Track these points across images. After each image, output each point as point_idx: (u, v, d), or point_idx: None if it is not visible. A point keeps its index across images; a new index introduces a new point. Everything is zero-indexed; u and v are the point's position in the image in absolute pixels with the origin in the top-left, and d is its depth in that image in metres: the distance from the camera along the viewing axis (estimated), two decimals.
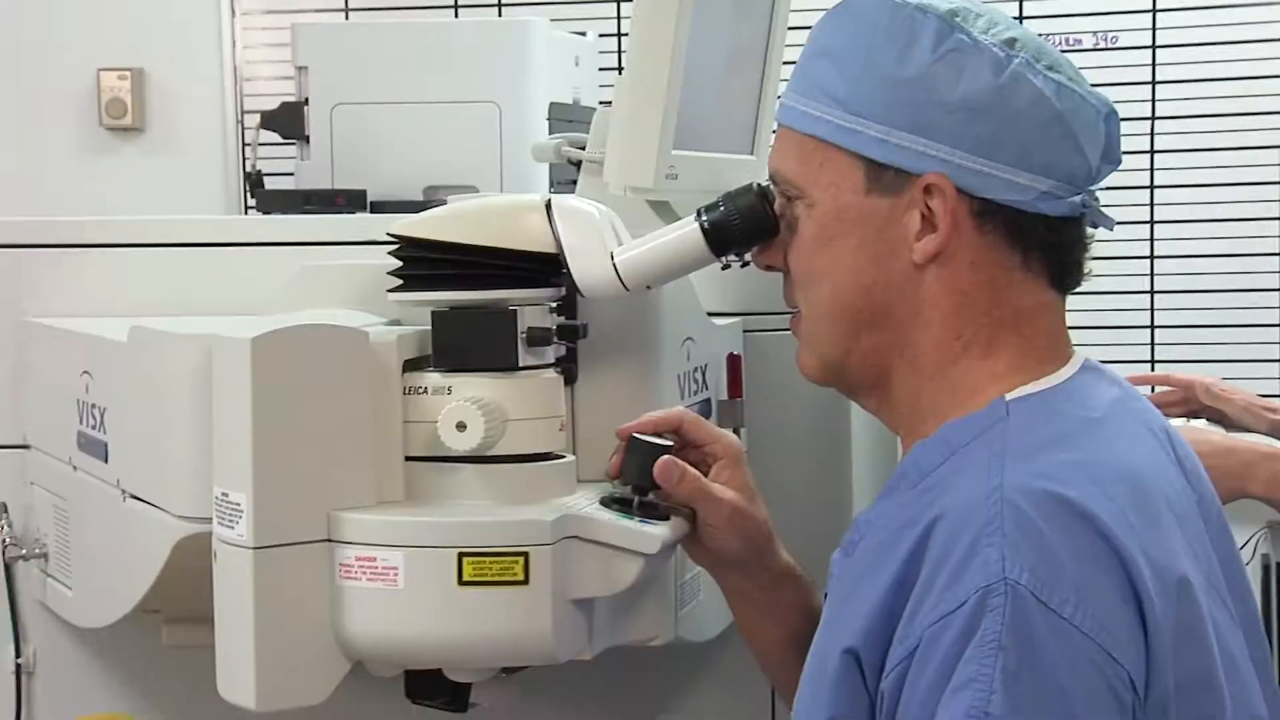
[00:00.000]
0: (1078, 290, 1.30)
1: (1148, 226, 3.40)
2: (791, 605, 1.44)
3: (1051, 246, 1.24)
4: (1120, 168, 1.29)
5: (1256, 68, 3.41)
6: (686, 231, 1.37)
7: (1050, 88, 1.22)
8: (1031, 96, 1.21)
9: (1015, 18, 3.39)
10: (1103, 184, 1.28)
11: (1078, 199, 1.23)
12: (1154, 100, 3.39)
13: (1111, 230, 1.27)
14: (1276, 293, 3.43)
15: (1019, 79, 1.21)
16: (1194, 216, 3.38)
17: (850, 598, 1.20)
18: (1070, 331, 1.29)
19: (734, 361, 1.70)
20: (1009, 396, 1.22)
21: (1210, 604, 1.19)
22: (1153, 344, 3.47)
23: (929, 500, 1.17)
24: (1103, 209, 1.26)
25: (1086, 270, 1.28)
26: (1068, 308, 1.29)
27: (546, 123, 2.44)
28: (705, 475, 1.40)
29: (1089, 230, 1.27)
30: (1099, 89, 1.27)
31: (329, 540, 1.29)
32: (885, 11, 1.24)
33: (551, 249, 1.36)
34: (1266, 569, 2.75)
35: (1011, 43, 1.23)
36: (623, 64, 1.70)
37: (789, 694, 1.35)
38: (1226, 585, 1.25)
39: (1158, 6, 3.43)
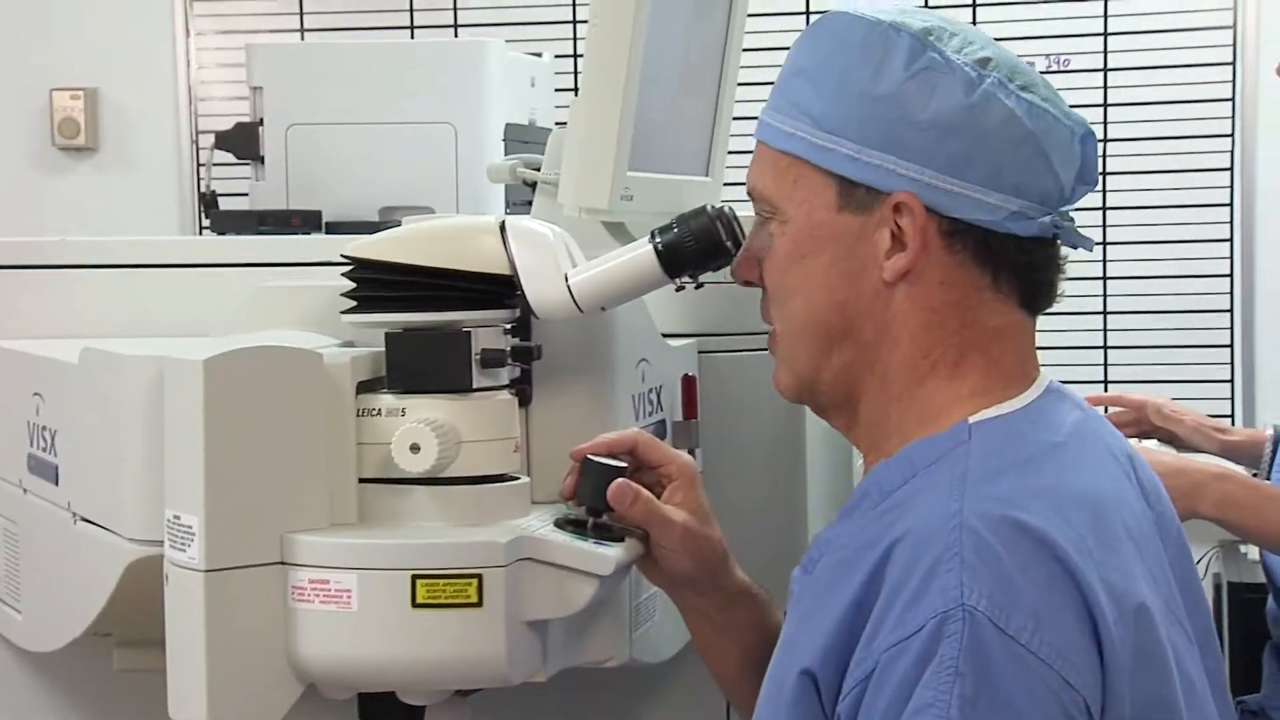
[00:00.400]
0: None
1: (1101, 248, 3.42)
2: (747, 624, 1.45)
3: (1022, 267, 1.24)
4: None
5: (1207, 90, 3.44)
6: (640, 253, 1.37)
7: (1022, 107, 1.22)
8: (1002, 116, 1.21)
9: None
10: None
11: (1049, 219, 1.23)
12: (1106, 123, 3.41)
13: (1090, 250, 1.27)
14: (1227, 314, 3.46)
15: (990, 98, 1.21)
16: (1146, 238, 3.40)
17: (809, 618, 1.20)
18: None
19: (689, 382, 1.70)
20: (972, 419, 1.22)
21: (1168, 628, 1.19)
22: (1106, 364, 3.49)
23: (889, 521, 1.17)
24: (1079, 230, 1.26)
25: (1059, 291, 1.27)
26: None
27: (502, 144, 2.44)
28: (660, 496, 1.40)
29: (1063, 251, 1.27)
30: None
31: (282, 563, 1.28)
32: (860, 29, 1.24)
33: (506, 270, 1.36)
34: (1218, 588, 2.77)
35: (985, 62, 1.23)
36: (578, 85, 1.70)
37: (747, 712, 1.36)
38: (1185, 603, 1.25)
39: (1109, 30, 3.46)
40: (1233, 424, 3.34)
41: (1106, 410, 2.15)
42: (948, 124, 1.21)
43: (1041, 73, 1.27)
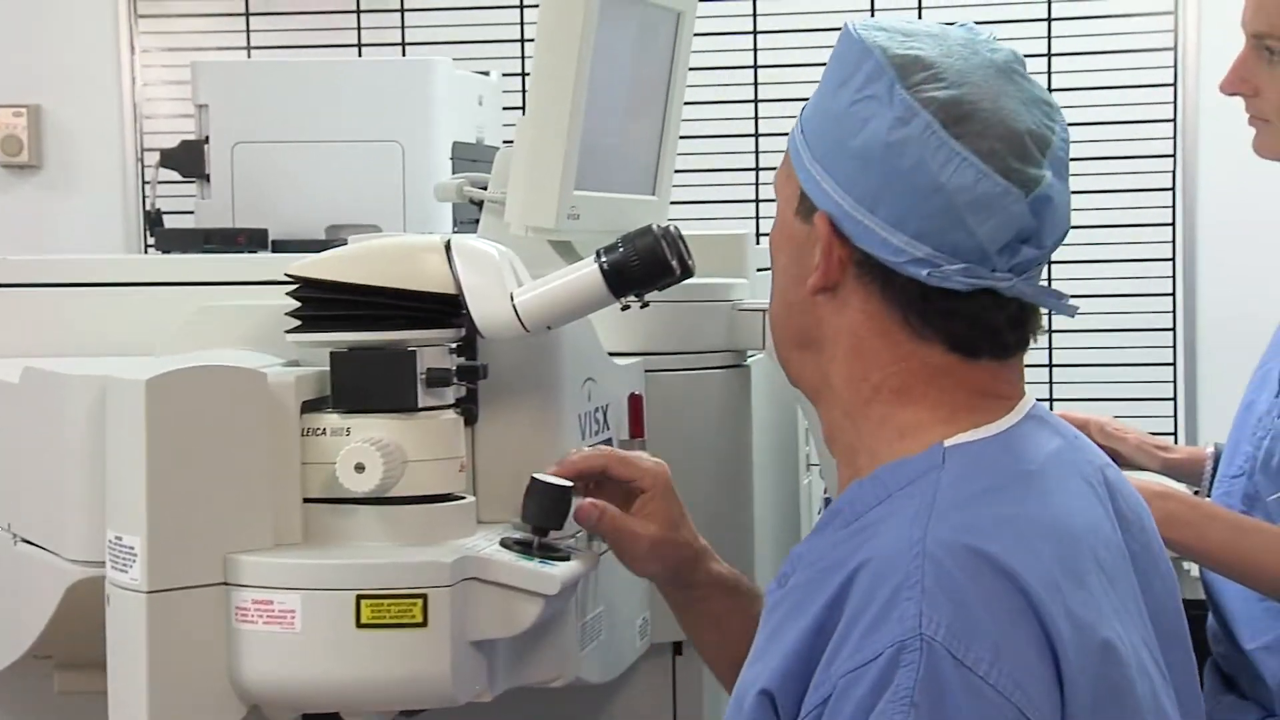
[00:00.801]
0: None
1: (1045, 267, 3.44)
2: (726, 614, 1.48)
3: (938, 314, 1.20)
4: None
5: (1148, 111, 3.48)
6: (586, 273, 1.37)
7: (941, 157, 1.17)
8: (915, 161, 1.18)
9: None
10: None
11: (953, 270, 1.18)
12: None
13: (1072, 316, 1.24)
14: (1170, 332, 3.49)
15: (908, 141, 1.18)
16: (1089, 257, 3.43)
17: (775, 635, 1.20)
18: None
19: (635, 402, 1.70)
20: (948, 443, 1.20)
21: (1140, 664, 1.17)
22: (1051, 382, 3.52)
23: (857, 544, 1.17)
24: (1044, 288, 1.21)
25: (1017, 341, 1.23)
26: None
27: (450, 162, 2.44)
28: (632, 503, 1.44)
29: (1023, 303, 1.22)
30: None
31: (225, 583, 1.27)
32: (846, 43, 1.24)
33: (451, 290, 1.36)
34: None
35: (930, 102, 1.18)
36: (525, 105, 1.71)
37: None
38: (1164, 639, 1.24)
39: (1052, 51, 3.50)
40: (1175, 442, 3.36)
41: None
42: (869, 157, 1.19)
43: None
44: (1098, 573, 1.17)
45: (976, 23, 1.30)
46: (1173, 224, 3.49)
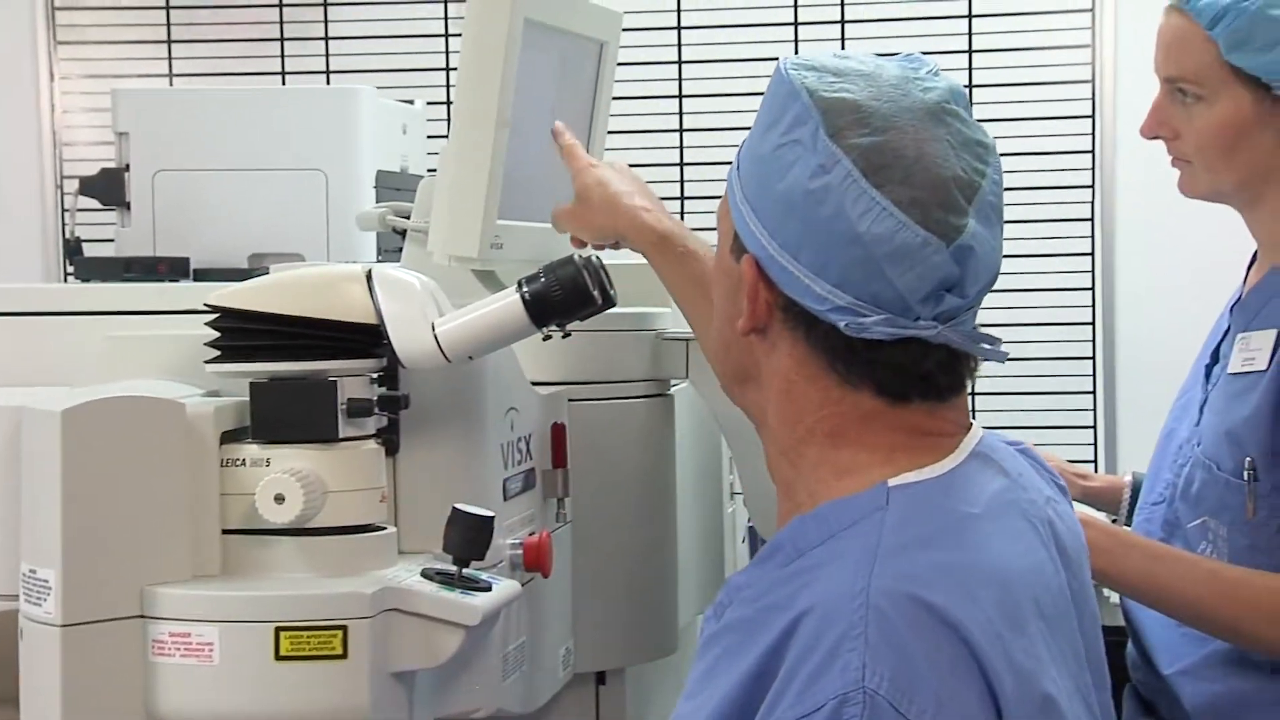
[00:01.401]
0: None
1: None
2: (677, 261, 1.67)
3: (863, 362, 1.19)
4: None
5: (1067, 143, 3.52)
6: (507, 303, 1.37)
7: (861, 207, 1.16)
8: (834, 211, 1.16)
9: None
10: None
11: (873, 320, 1.16)
12: None
13: (1003, 362, 1.21)
14: (1089, 361, 3.53)
15: (829, 190, 1.17)
16: (1010, 286, 3.46)
17: (712, 674, 1.18)
18: None
19: (558, 431, 1.70)
20: (892, 483, 1.18)
21: (1074, 711, 1.17)
22: (974, 410, 3.54)
23: (800, 585, 1.15)
24: (973, 333, 1.19)
25: (950, 385, 1.20)
26: None
27: (374, 190, 2.43)
28: None
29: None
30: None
31: (141, 616, 1.27)
32: (775, 82, 1.23)
33: (372, 320, 1.36)
34: None
35: (853, 149, 1.17)
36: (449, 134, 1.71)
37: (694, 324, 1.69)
38: (1097, 674, 1.24)
39: (973, 82, 3.54)
40: (1095, 470, 3.40)
41: None
42: (792, 203, 1.18)
43: None
44: (1038, 619, 1.16)
45: (899, 54, 1.27)
46: (1091, 254, 3.53)
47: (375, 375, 1.40)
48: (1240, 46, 1.77)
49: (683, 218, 3.61)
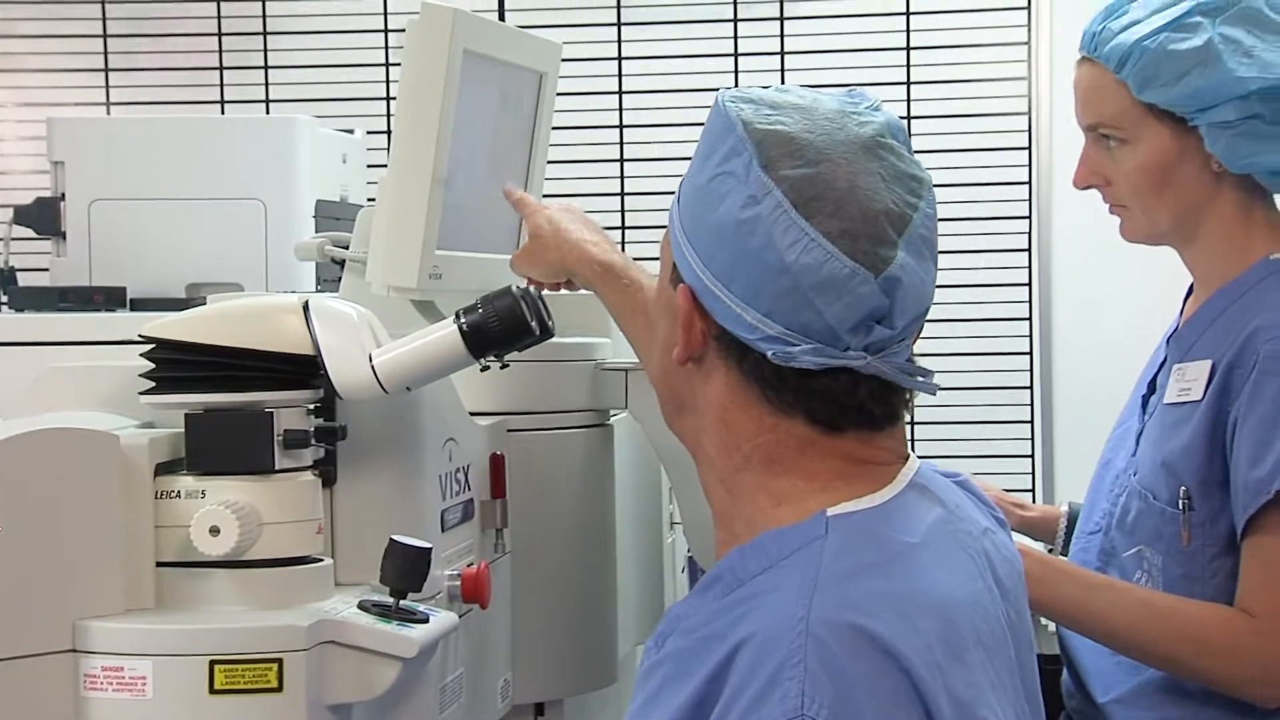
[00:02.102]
0: None
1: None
2: (622, 292, 1.71)
3: (795, 391, 1.19)
4: None
5: (1005, 174, 3.55)
6: (445, 334, 1.37)
7: (790, 238, 1.16)
8: (764, 241, 1.17)
9: None
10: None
11: (800, 350, 1.16)
12: None
13: (932, 393, 1.21)
14: (1027, 390, 3.56)
15: (759, 220, 1.17)
16: (949, 316, 3.49)
17: (651, 702, 1.18)
18: None
19: (497, 461, 1.70)
20: (830, 512, 1.18)
21: None
22: (912, 440, 3.56)
23: (739, 615, 1.15)
24: (905, 365, 1.19)
25: (881, 413, 1.20)
26: None
27: (313, 220, 2.42)
28: None
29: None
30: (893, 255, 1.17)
31: (73, 650, 1.25)
32: (714, 115, 1.23)
33: (309, 351, 1.35)
34: None
35: (783, 180, 1.17)
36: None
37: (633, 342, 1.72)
38: (1033, 703, 1.25)
39: (912, 114, 3.56)
40: (1033, 500, 3.42)
41: None
42: (724, 233, 1.19)
43: None
44: (977, 648, 1.17)
45: (837, 86, 1.28)
46: (1029, 284, 3.56)
47: (312, 406, 1.40)
48: (1149, 84, 1.80)
49: (624, 248, 3.62)
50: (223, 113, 3.70)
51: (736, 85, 3.57)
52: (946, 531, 1.23)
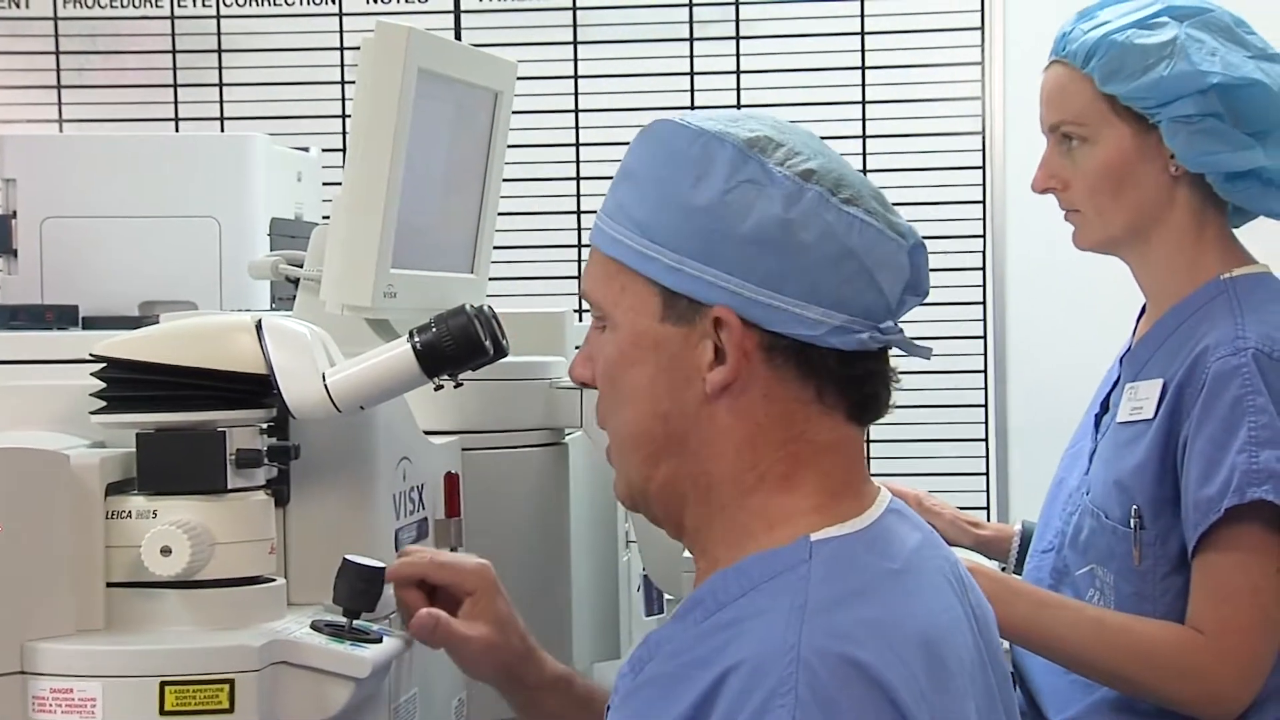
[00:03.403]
0: None
1: None
2: (560, 711, 1.49)
3: (847, 381, 1.20)
4: None
5: (959, 193, 3.58)
6: (398, 353, 1.37)
7: (843, 222, 1.18)
8: (821, 231, 1.18)
9: None
10: None
11: (866, 335, 1.19)
12: None
13: (928, 359, 1.26)
14: (982, 409, 3.58)
15: (810, 213, 1.18)
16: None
17: None
18: None
19: (451, 480, 1.69)
20: (814, 537, 1.19)
21: None
22: (869, 458, 3.58)
23: (724, 641, 1.15)
24: (911, 340, 1.23)
25: (890, 402, 1.24)
26: None
27: (268, 238, 2.42)
28: (460, 607, 1.45)
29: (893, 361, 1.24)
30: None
31: (22, 672, 1.24)
32: (684, 138, 1.22)
33: (261, 370, 1.34)
34: None
35: (809, 174, 1.19)
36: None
37: None
38: None
39: (867, 133, 3.58)
40: (988, 518, 3.44)
41: None
42: (765, 238, 1.18)
43: None
44: (959, 676, 1.17)
45: (793, 105, 1.30)
46: (984, 302, 3.58)
47: (265, 425, 1.39)
48: (1114, 76, 1.82)
49: (579, 265, 3.63)
50: (177, 130, 3.69)
51: (693, 104, 3.60)
52: (926, 558, 1.24)
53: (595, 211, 1.29)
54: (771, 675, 1.10)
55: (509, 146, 1.98)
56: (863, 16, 3.59)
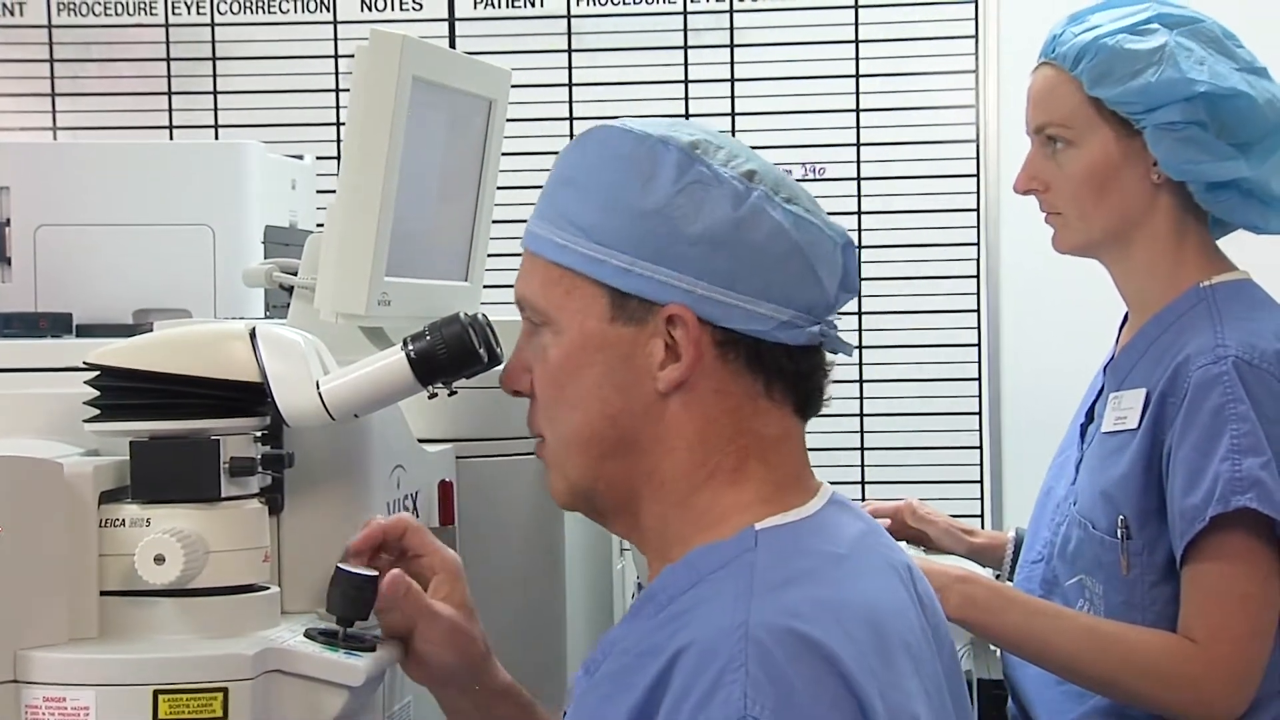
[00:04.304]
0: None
1: (857, 351, 3.51)
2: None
3: (793, 375, 1.25)
4: None
5: (953, 200, 3.58)
6: (392, 361, 1.37)
7: (789, 220, 1.23)
8: (770, 229, 1.22)
9: None
10: None
11: (816, 328, 1.24)
12: (860, 230, 3.52)
13: (850, 355, 1.29)
14: (975, 416, 3.58)
15: (758, 212, 1.22)
16: (900, 342, 3.51)
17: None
18: None
19: (446, 488, 1.69)
20: (759, 526, 1.22)
21: None
22: (863, 465, 3.58)
23: (674, 629, 1.17)
24: (839, 336, 1.28)
25: (827, 396, 1.29)
26: None
27: (262, 246, 2.42)
28: (424, 589, 1.40)
29: (829, 357, 1.29)
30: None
31: (15, 681, 1.24)
32: (628, 142, 1.25)
33: (255, 378, 1.34)
34: (970, 685, 2.84)
35: (751, 175, 1.24)
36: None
37: None
38: (962, 711, 1.28)
39: (861, 141, 3.59)
40: (982, 526, 3.44)
41: None
42: (717, 237, 1.22)
43: (798, 180, 1.30)
44: (904, 655, 1.19)
45: (788, 113, 1.34)
46: (977, 310, 3.58)
47: (258, 434, 1.39)
48: (1102, 80, 1.83)
49: None
50: (171, 138, 3.69)
51: (688, 113, 3.60)
52: (869, 544, 1.27)
53: None
54: (722, 653, 1.11)
55: (503, 155, 1.98)
56: (857, 25, 3.59)
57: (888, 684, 1.15)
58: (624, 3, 3.65)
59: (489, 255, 2.00)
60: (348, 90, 1.74)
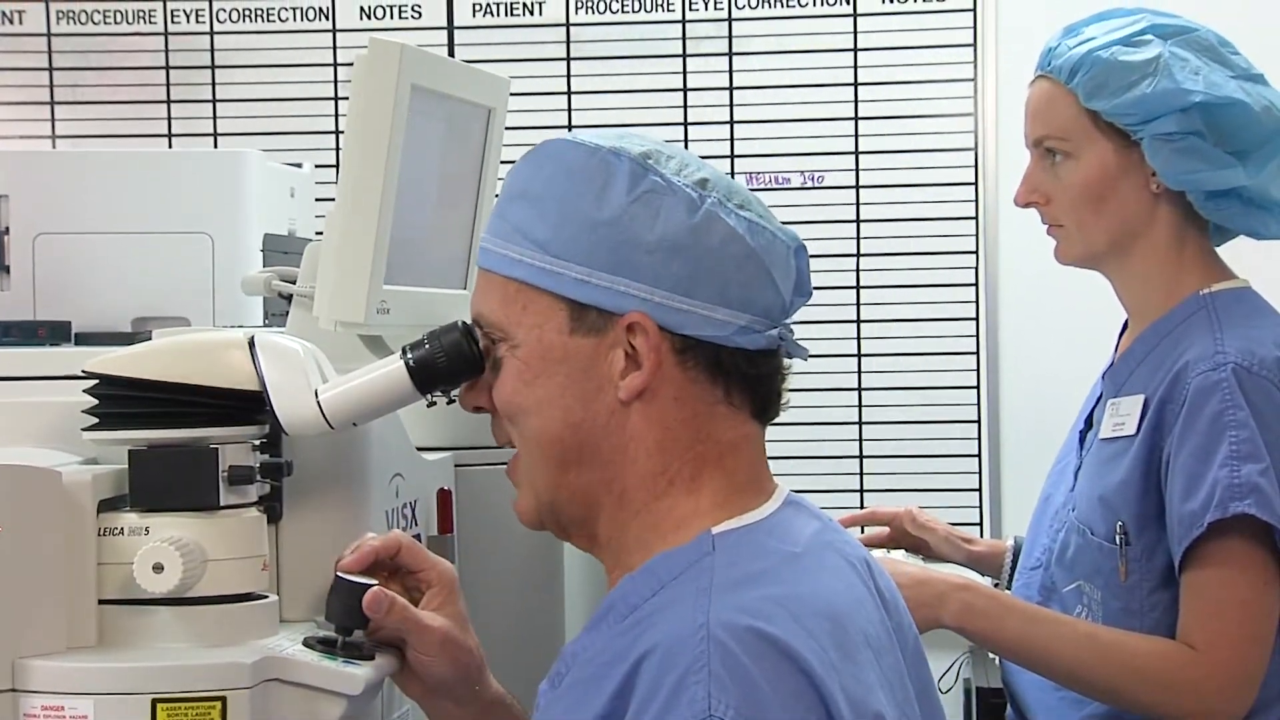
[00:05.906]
0: (788, 422, 1.32)
1: (855, 359, 3.52)
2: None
3: (752, 379, 1.27)
4: (828, 304, 1.33)
5: (952, 209, 3.58)
6: (391, 369, 1.37)
7: (743, 225, 1.25)
8: (725, 235, 1.24)
9: (727, 156, 3.53)
10: (812, 320, 1.31)
11: (774, 332, 1.26)
12: (859, 238, 3.52)
13: (805, 360, 1.31)
14: (975, 424, 3.58)
15: (712, 218, 1.24)
16: (898, 350, 3.51)
17: None
18: (787, 462, 1.32)
19: (444, 497, 1.69)
20: (715, 530, 1.24)
21: None
22: (861, 473, 3.58)
23: (636, 635, 1.18)
24: (796, 341, 1.30)
25: (784, 401, 1.31)
26: (784, 439, 1.32)
27: (261, 254, 2.41)
28: (418, 603, 1.40)
29: (785, 361, 1.30)
30: (793, 225, 1.32)
31: (13, 690, 1.24)
32: (580, 155, 1.26)
33: (254, 386, 1.34)
34: (968, 693, 2.84)
35: (703, 183, 1.25)
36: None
37: None
38: (921, 711, 1.29)
39: (860, 149, 3.59)
40: (982, 534, 3.44)
41: (864, 530, 2.20)
42: (674, 244, 1.23)
43: (797, 188, 1.30)
44: (865, 647, 1.21)
45: (786, 121, 1.35)
46: (976, 318, 3.58)
47: (257, 442, 1.39)
48: (1098, 92, 1.83)
49: None
50: (170, 146, 3.68)
51: (686, 120, 3.61)
52: (825, 541, 1.29)
53: None
54: (684, 655, 1.13)
55: (502, 162, 1.98)
56: (855, 33, 3.59)
57: (848, 677, 1.16)
58: (623, 11, 3.65)
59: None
60: (347, 99, 1.74)
